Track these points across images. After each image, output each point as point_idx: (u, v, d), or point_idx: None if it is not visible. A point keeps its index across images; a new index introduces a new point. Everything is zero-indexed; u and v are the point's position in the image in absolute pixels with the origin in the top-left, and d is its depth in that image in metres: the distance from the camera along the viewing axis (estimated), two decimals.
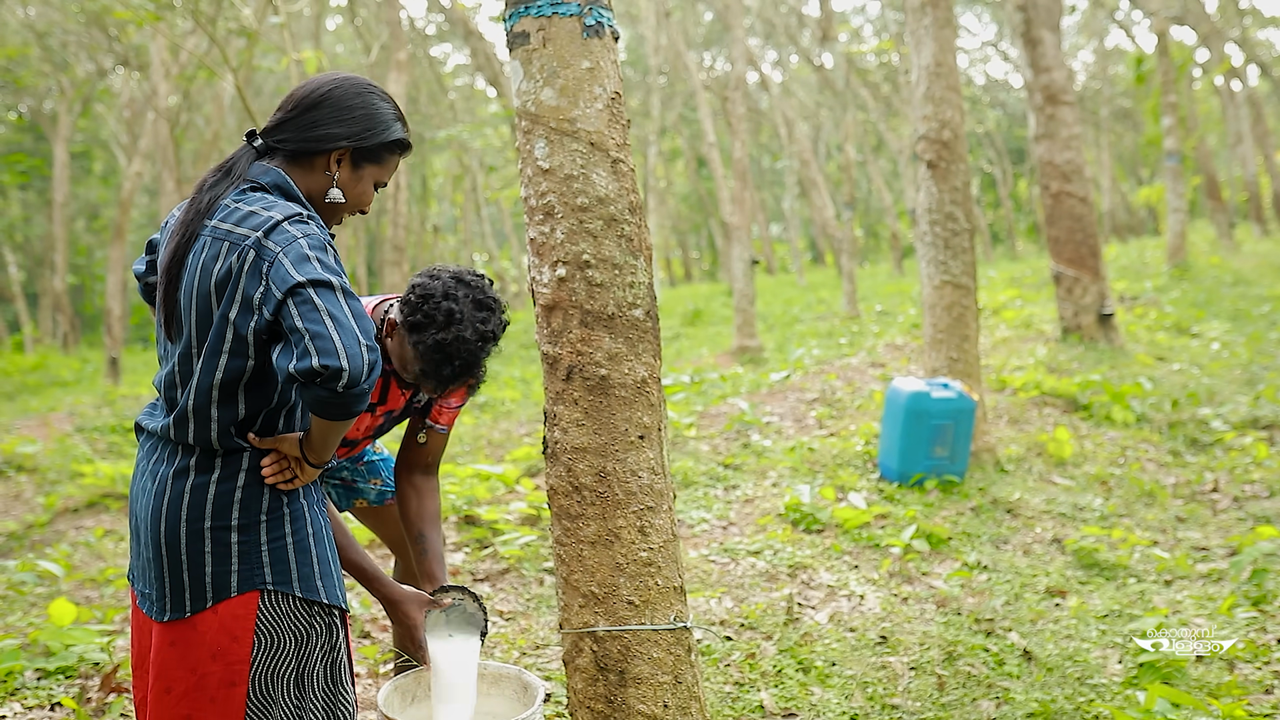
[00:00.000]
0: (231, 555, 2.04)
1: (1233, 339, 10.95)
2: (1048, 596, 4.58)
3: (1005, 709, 3.50)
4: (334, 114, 2.15)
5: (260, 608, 2.05)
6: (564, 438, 2.67)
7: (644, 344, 2.68)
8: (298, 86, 2.21)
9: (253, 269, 1.95)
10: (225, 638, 2.04)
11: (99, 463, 9.94)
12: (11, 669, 3.69)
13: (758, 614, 4.14)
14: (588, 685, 2.66)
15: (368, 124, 2.18)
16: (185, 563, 2.03)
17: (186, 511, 2.03)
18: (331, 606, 2.14)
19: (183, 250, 2.04)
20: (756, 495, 5.76)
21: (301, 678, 2.12)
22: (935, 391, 5.82)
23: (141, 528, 2.09)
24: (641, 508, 2.64)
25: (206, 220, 2.04)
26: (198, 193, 2.10)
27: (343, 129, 2.15)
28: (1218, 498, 6.24)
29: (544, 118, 2.67)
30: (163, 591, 2.05)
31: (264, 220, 1.99)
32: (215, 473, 2.04)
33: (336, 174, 2.18)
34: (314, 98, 2.16)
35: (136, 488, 2.13)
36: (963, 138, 6.38)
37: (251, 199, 2.06)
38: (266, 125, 2.17)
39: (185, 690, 2.05)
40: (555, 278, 2.65)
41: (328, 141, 2.15)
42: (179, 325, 2.05)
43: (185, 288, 2.03)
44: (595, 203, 2.64)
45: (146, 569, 2.09)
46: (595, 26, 2.68)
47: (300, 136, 2.14)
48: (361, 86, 2.21)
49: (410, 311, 2.48)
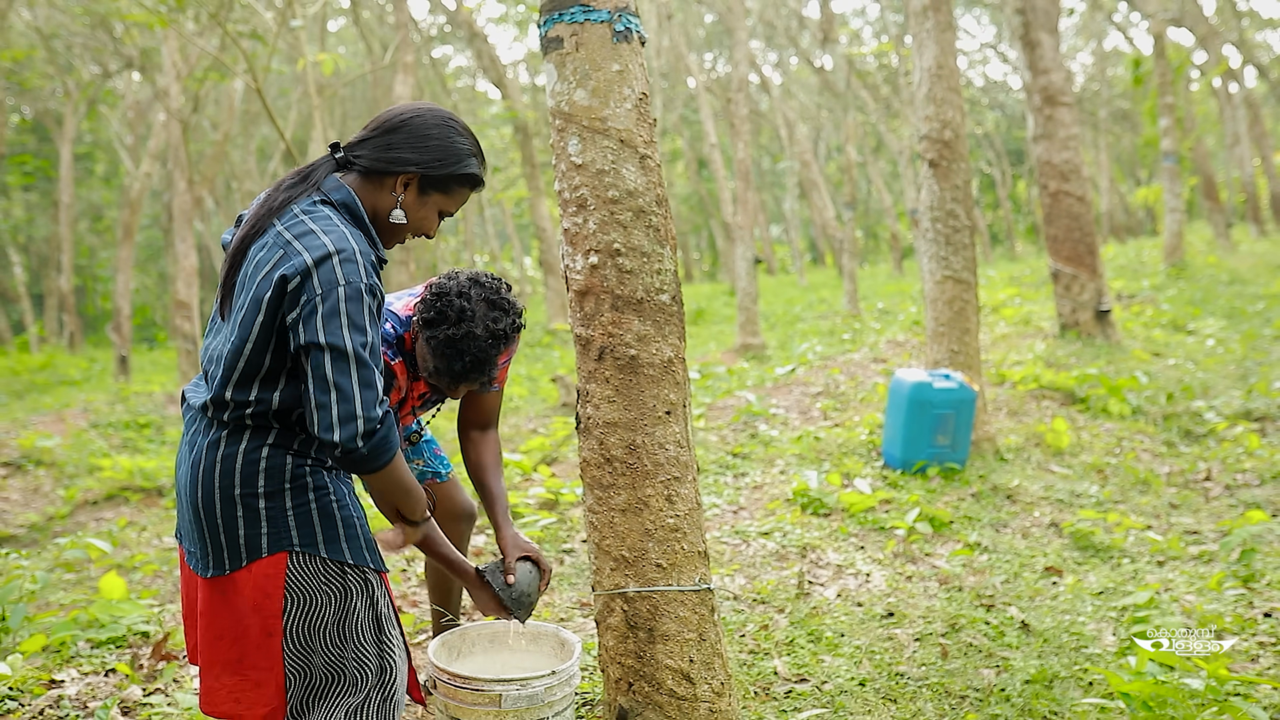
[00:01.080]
0: (261, 519, 2.20)
1: (1228, 335, 11.17)
2: (1045, 575, 4.79)
3: (1005, 676, 3.70)
4: (410, 140, 2.30)
5: (290, 567, 2.21)
6: (596, 413, 2.88)
7: (670, 326, 2.89)
8: (386, 110, 2.37)
9: (293, 296, 2.10)
10: (259, 594, 2.21)
11: (116, 457, 10.15)
12: (65, 639, 3.90)
13: (770, 590, 4.35)
14: (619, 642, 2.87)
15: (440, 154, 2.31)
16: (221, 526, 2.20)
17: (219, 479, 2.19)
18: (360, 566, 2.28)
19: (248, 242, 2.22)
20: (765, 482, 5.97)
21: (344, 629, 2.27)
22: (937, 382, 6.03)
23: (182, 493, 2.28)
24: (668, 478, 2.85)
25: (275, 220, 2.21)
26: (275, 190, 2.27)
27: (415, 155, 2.30)
28: (1210, 486, 6.45)
29: (577, 117, 2.88)
30: (205, 551, 2.23)
31: (318, 247, 2.12)
32: (243, 444, 2.20)
33: (401, 196, 2.32)
34: (395, 121, 2.31)
35: (180, 455, 2.33)
36: (963, 137, 6.59)
37: (317, 215, 2.20)
38: (350, 140, 2.34)
39: (236, 636, 2.25)
40: (588, 265, 2.86)
41: (398, 165, 2.29)
42: (230, 307, 2.24)
43: (241, 276, 2.21)
44: (625, 195, 2.85)
45: (190, 529, 2.29)
46: (624, 32, 2.89)
47: (375, 155, 2.29)
48: (443, 119, 2.34)
49: (425, 309, 2.66)
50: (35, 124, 27.80)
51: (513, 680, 2.64)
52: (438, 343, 2.63)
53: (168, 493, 8.95)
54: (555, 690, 2.67)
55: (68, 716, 3.35)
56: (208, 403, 2.22)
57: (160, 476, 9.14)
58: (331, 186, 2.28)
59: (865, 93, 24.66)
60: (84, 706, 3.42)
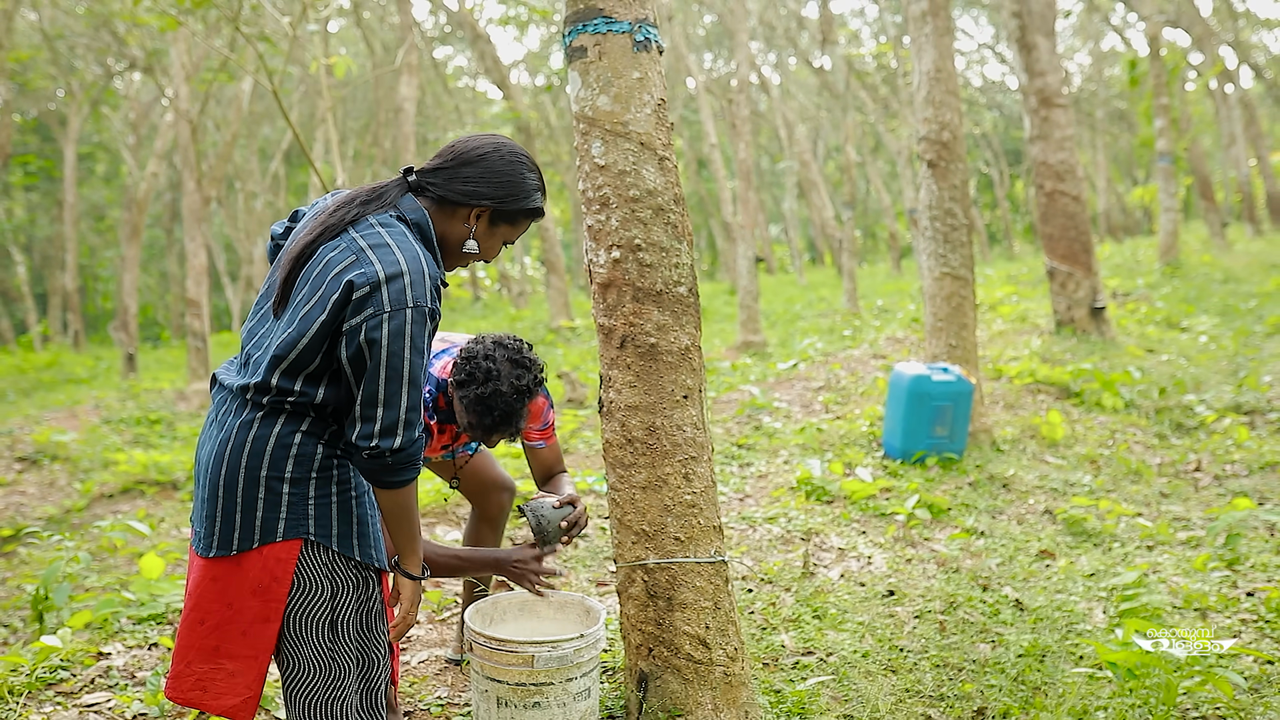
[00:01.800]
0: (281, 504, 2.25)
1: (1220, 332, 11.39)
2: (1039, 558, 5.01)
3: (999, 650, 3.91)
4: (485, 175, 2.42)
5: (301, 555, 2.27)
6: (618, 398, 3.09)
7: (687, 316, 3.11)
8: (459, 140, 2.48)
9: (357, 304, 2.20)
10: (267, 577, 2.25)
11: (131, 451, 10.35)
12: (106, 616, 4.12)
13: (776, 570, 4.57)
14: (639, 610, 3.08)
15: (512, 190, 2.44)
16: (239, 505, 2.24)
17: (247, 459, 2.24)
18: (364, 564, 2.35)
19: (318, 242, 2.31)
20: (770, 471, 6.19)
21: (335, 623, 2.32)
22: (936, 375, 6.25)
23: (203, 471, 2.31)
24: (686, 457, 3.06)
25: (351, 227, 2.32)
26: (348, 203, 2.37)
27: (489, 190, 2.42)
28: (1200, 476, 6.66)
29: (600, 121, 3.09)
30: (212, 529, 2.27)
31: (392, 262, 2.22)
32: (277, 428, 2.26)
33: (475, 228, 2.46)
34: (472, 155, 2.43)
35: (204, 435, 2.37)
36: (961, 139, 6.81)
37: (393, 230, 2.31)
38: (424, 167, 2.45)
39: (218, 623, 2.27)
40: (610, 259, 3.07)
41: (473, 198, 2.42)
42: (287, 301, 2.31)
43: (307, 272, 2.29)
44: (645, 194, 3.06)
45: (200, 509, 2.32)
46: (644, 42, 3.10)
47: (450, 187, 2.41)
48: (515, 155, 2.46)
49: (456, 372, 2.98)
50: (38, 124, 27.95)
51: (544, 642, 2.85)
52: (469, 401, 2.93)
53: (183, 486, 9.14)
54: (583, 653, 2.90)
55: (117, 684, 3.56)
56: (248, 385, 2.27)
57: (175, 470, 9.33)
58: (409, 207, 2.40)
59: (864, 93, 24.88)
60: (132, 676, 3.64)
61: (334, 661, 2.33)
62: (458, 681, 3.64)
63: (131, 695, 3.44)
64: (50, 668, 3.62)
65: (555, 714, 2.89)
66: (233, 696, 2.29)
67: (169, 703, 3.40)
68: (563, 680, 2.88)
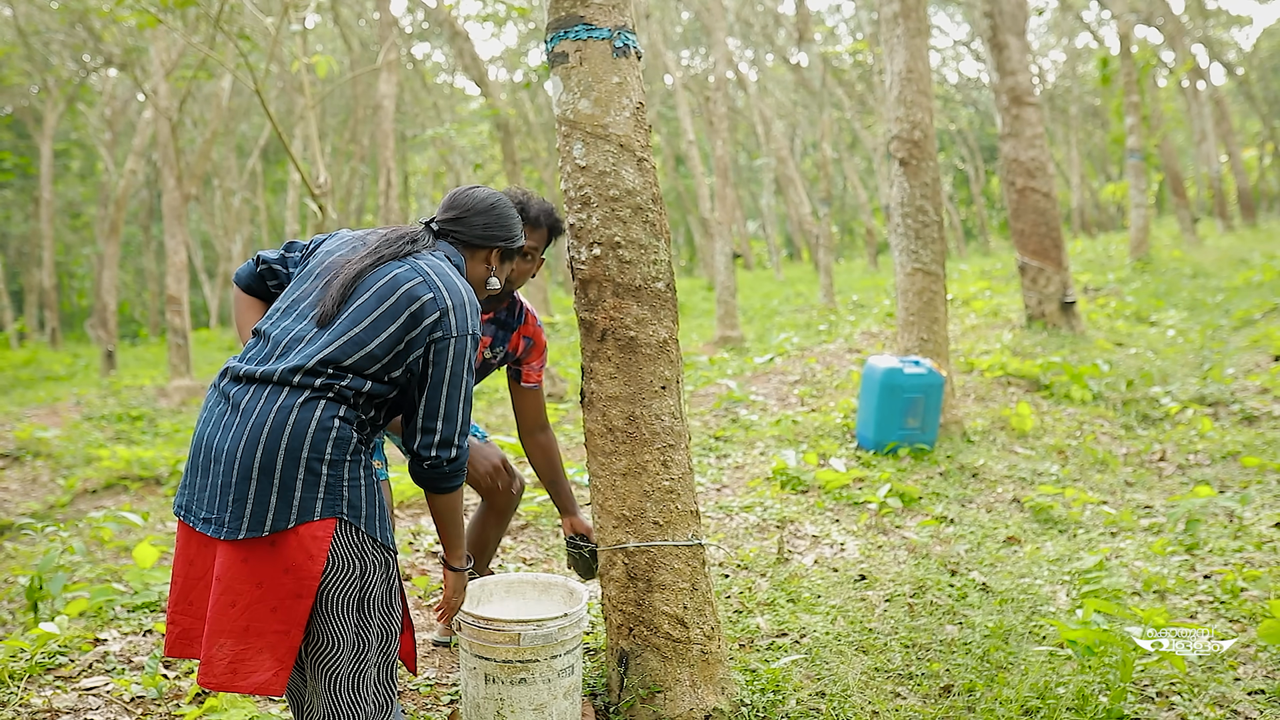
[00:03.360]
0: (320, 484, 2.38)
1: (1188, 326, 11.63)
2: (1006, 544, 5.18)
3: (966, 631, 4.08)
4: (499, 221, 2.83)
5: (335, 534, 2.39)
6: (599, 389, 3.23)
7: (665, 311, 3.25)
8: (462, 193, 2.86)
9: (429, 326, 2.51)
10: (302, 555, 2.35)
11: (113, 447, 10.41)
12: (101, 605, 4.23)
13: (752, 557, 4.72)
14: (620, 592, 3.22)
15: (516, 230, 2.88)
16: (277, 485, 2.35)
17: (288, 440, 2.37)
18: (384, 545, 2.51)
19: (377, 265, 2.58)
20: (746, 462, 6.34)
21: (363, 600, 2.46)
22: (908, 368, 6.41)
23: (223, 456, 2.38)
24: (664, 445, 3.21)
25: (413, 257, 2.61)
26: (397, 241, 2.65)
27: (502, 232, 2.84)
28: (1164, 465, 6.86)
29: (581, 124, 3.22)
30: (241, 512, 2.35)
31: (457, 292, 2.57)
32: (318, 411, 2.40)
33: (495, 266, 2.86)
34: (483, 205, 2.82)
35: (216, 424, 2.45)
36: (932, 138, 6.97)
37: (449, 267, 2.65)
38: (442, 217, 2.80)
39: (248, 603, 2.35)
40: (591, 256, 3.21)
41: (491, 241, 2.82)
42: (342, 306, 2.51)
43: (368, 285, 2.53)
44: (624, 194, 3.20)
45: (217, 495, 2.40)
46: (623, 48, 3.24)
47: (472, 234, 2.80)
48: (510, 202, 2.89)
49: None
50: (13, 121, 27.83)
51: (530, 621, 2.99)
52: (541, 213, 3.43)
53: (166, 481, 9.21)
54: (567, 631, 3.04)
55: (115, 669, 3.68)
56: (294, 369, 2.42)
57: (158, 466, 9.41)
58: (448, 250, 2.74)
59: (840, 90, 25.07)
60: (129, 660, 3.75)
61: (359, 637, 2.48)
62: (445, 662, 3.77)
63: (129, 679, 3.55)
64: (49, 653, 3.73)
65: (540, 690, 3.02)
66: (264, 672, 2.36)
67: (166, 685, 3.52)
68: (547, 657, 3.01)
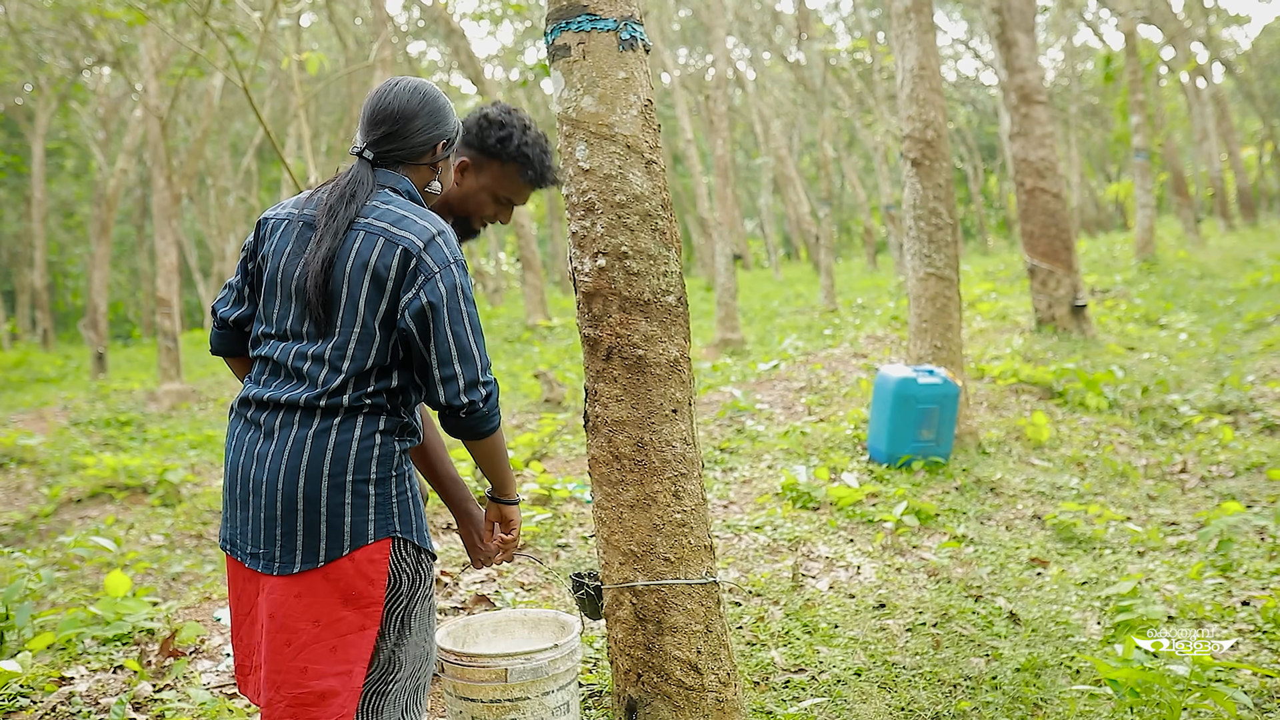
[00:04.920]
0: (369, 506, 2.24)
1: (1199, 329, 11.38)
2: (1030, 566, 4.91)
3: (995, 665, 3.81)
4: (431, 117, 2.45)
5: (391, 553, 2.27)
6: (604, 412, 2.96)
7: (676, 327, 2.98)
8: (383, 98, 2.41)
9: (411, 276, 2.25)
10: (362, 582, 2.22)
11: (100, 454, 10.14)
12: (71, 637, 3.95)
13: (764, 582, 4.45)
14: (628, 634, 2.95)
15: (451, 118, 2.51)
16: (324, 514, 2.20)
17: (329, 466, 2.21)
18: (430, 553, 2.39)
19: (333, 254, 2.28)
20: (754, 476, 6.07)
21: (406, 619, 2.33)
22: (921, 378, 6.15)
23: (262, 488, 2.23)
24: (675, 474, 2.94)
25: (356, 221, 2.30)
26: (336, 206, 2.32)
27: (439, 129, 2.47)
28: (1186, 477, 6.60)
29: (584, 123, 2.95)
30: (291, 545, 2.21)
31: (420, 230, 2.29)
32: (357, 430, 2.24)
33: (439, 168, 2.52)
34: (411, 108, 2.42)
35: (250, 453, 2.27)
36: (945, 137, 6.71)
37: (399, 203, 2.35)
38: (372, 139, 2.41)
39: (305, 641, 2.20)
40: (596, 267, 2.94)
41: (430, 142, 2.46)
42: (331, 312, 2.27)
43: (340, 277, 2.26)
44: (631, 200, 2.93)
45: (261, 529, 2.24)
46: (630, 40, 2.97)
47: (410, 144, 2.43)
48: (434, 89, 2.48)
49: (484, 137, 2.93)
50: (5, 119, 27.53)
51: (518, 655, 2.75)
52: (526, 146, 2.94)
53: (153, 490, 8.95)
54: (559, 664, 2.80)
55: (79, 713, 3.40)
56: (320, 393, 2.23)
57: (145, 474, 9.14)
58: (391, 179, 2.41)
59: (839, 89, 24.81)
60: (95, 702, 3.48)
61: (393, 659, 2.34)
62: (435, 705, 3.50)
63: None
64: (9, 695, 3.46)
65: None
66: (331, 717, 2.22)
67: None
68: (539, 694, 2.79)
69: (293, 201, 2.46)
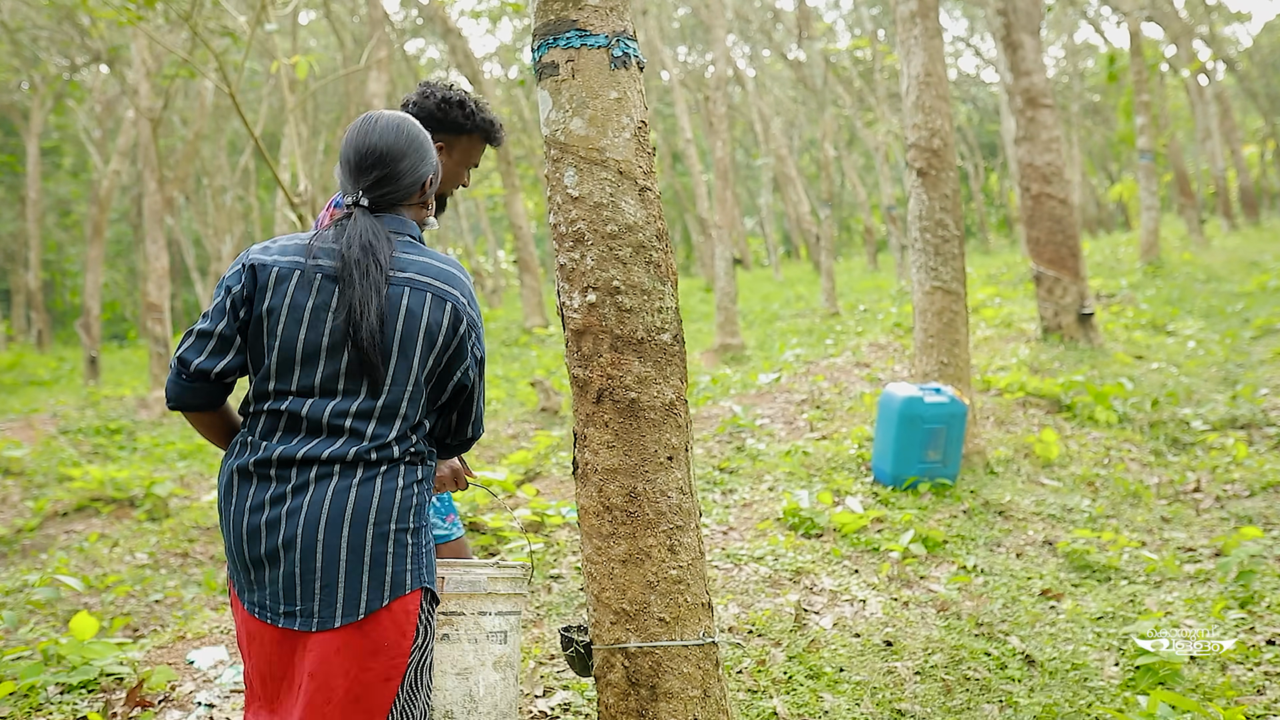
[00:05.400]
0: (407, 555, 2.23)
1: (1207, 336, 11.17)
2: (1043, 599, 4.70)
3: (1009, 712, 3.61)
4: (418, 155, 2.42)
5: (421, 606, 2.26)
6: (595, 459, 2.75)
7: (672, 367, 2.77)
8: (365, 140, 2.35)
9: (463, 335, 2.32)
10: (395, 633, 2.19)
11: (87, 465, 9.93)
12: (33, 684, 3.74)
13: (764, 620, 4.24)
14: (619, 700, 2.74)
15: (432, 152, 2.48)
16: (368, 564, 2.17)
17: (375, 515, 2.19)
18: (437, 599, 2.38)
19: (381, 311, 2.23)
20: (754, 500, 5.86)
21: (420, 668, 2.29)
22: (928, 397, 5.93)
23: (297, 542, 2.16)
24: (671, 527, 2.73)
25: (395, 276, 2.27)
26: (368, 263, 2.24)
27: (426, 166, 2.44)
28: (1200, 497, 6.39)
29: (573, 147, 2.74)
30: (332, 598, 2.16)
31: (458, 282, 2.34)
32: (399, 481, 2.24)
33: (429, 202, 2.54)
34: (400, 148, 2.37)
35: (275, 513, 2.19)
36: (952, 146, 6.49)
37: (424, 251, 2.36)
38: (368, 185, 2.34)
39: (342, 698, 2.16)
40: (585, 303, 2.73)
41: (419, 181, 2.44)
42: (384, 369, 2.23)
43: (392, 332, 2.24)
44: (624, 230, 2.72)
45: (297, 584, 2.17)
46: (622, 58, 2.76)
47: (403, 185, 2.39)
48: (412, 121, 2.45)
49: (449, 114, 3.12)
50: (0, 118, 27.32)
51: (457, 564, 2.73)
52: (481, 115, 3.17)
53: (140, 504, 8.75)
54: (498, 584, 2.73)
55: None
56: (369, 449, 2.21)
57: (132, 486, 8.93)
58: (397, 225, 2.38)
59: (840, 88, 24.59)
60: None
61: (405, 712, 2.28)
62: None
63: None
64: None
65: (465, 650, 2.69)
66: None
67: None
68: (475, 612, 2.71)
69: (291, 248, 2.31)
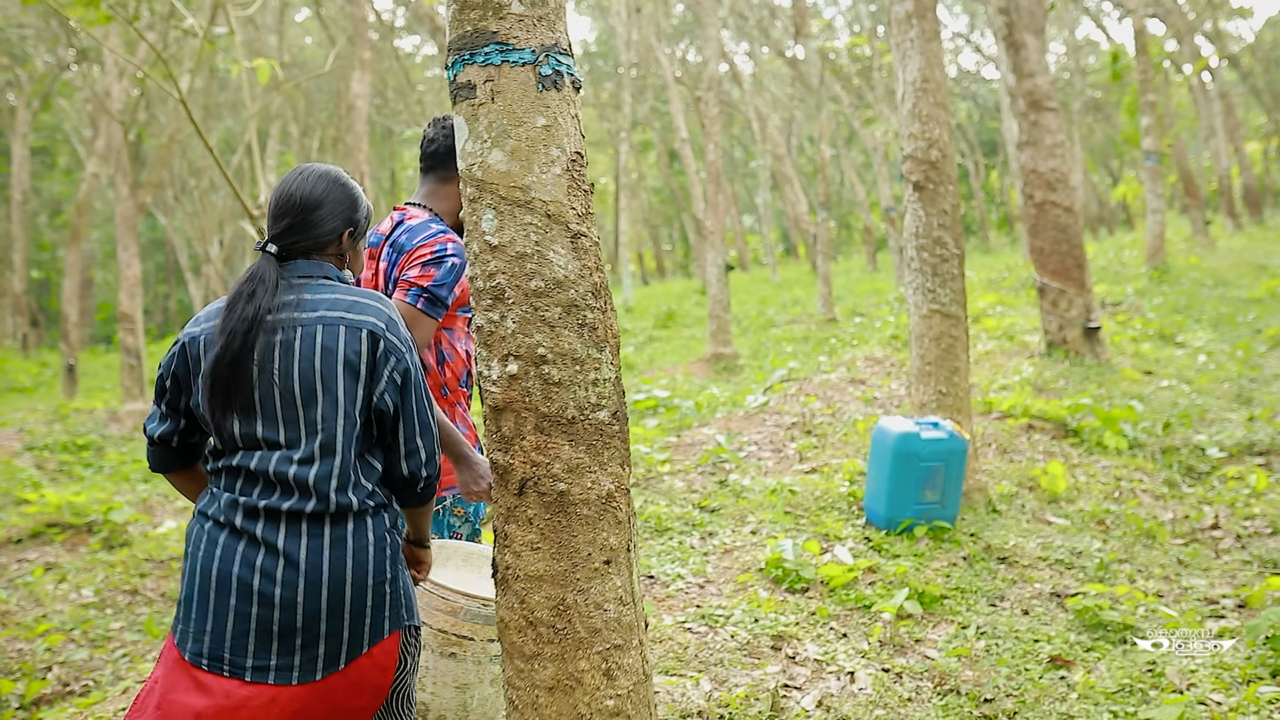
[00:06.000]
0: (386, 602, 2.28)
1: (1218, 348, 10.69)
2: (1052, 668, 4.22)
3: None
4: (336, 202, 2.43)
5: (401, 641, 2.33)
6: (516, 563, 2.28)
7: (609, 451, 2.30)
8: (286, 190, 2.39)
9: (382, 359, 2.29)
10: (376, 674, 2.27)
11: (45, 489, 9.49)
12: None
13: (738, 703, 3.76)
14: None
15: (359, 201, 2.49)
16: (348, 618, 2.22)
17: (352, 572, 2.23)
18: (419, 627, 2.42)
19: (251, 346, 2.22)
20: (735, 545, 5.37)
21: (401, 693, 2.38)
22: (925, 432, 5.45)
23: (274, 600, 2.17)
24: (608, 646, 2.26)
25: (294, 316, 2.26)
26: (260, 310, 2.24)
27: (346, 211, 2.45)
28: (1219, 535, 5.93)
29: (492, 185, 2.28)
30: (313, 653, 2.20)
31: (376, 311, 2.32)
32: (370, 534, 2.27)
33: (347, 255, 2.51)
34: (313, 199, 2.39)
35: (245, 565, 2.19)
36: (951, 158, 6.01)
37: (337, 288, 2.36)
38: (275, 233, 2.37)
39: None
40: (506, 374, 2.26)
41: (336, 231, 2.43)
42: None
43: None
44: (552, 286, 2.25)
45: (274, 640, 2.18)
46: (553, 77, 2.29)
47: (316, 234, 2.39)
48: (339, 174, 2.47)
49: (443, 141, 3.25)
50: None
51: (477, 598, 2.78)
52: None
53: (98, 530, 8.31)
54: None
55: None
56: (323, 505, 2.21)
57: (90, 512, 8.48)
58: (310, 268, 2.38)
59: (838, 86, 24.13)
60: None
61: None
62: None
63: None
64: None
65: (468, 669, 2.81)
66: None
67: None
68: (484, 639, 2.80)
69: (215, 311, 2.34)
